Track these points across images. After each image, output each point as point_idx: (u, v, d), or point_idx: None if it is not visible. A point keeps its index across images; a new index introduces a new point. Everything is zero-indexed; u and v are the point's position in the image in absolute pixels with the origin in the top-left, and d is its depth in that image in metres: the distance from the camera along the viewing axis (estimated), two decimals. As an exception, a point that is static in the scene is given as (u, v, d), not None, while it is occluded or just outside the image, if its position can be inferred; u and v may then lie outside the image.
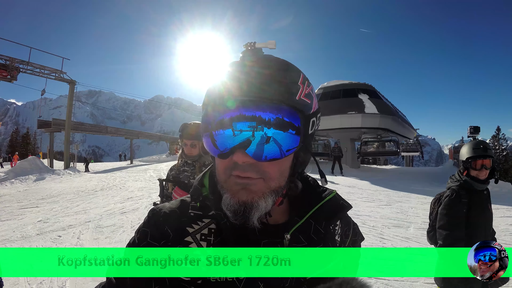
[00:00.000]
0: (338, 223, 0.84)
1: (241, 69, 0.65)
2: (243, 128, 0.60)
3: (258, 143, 0.61)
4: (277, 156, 0.62)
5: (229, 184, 0.65)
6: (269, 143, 0.61)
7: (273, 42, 0.70)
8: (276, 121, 0.60)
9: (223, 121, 0.62)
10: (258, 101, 0.61)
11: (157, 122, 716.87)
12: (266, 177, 0.64)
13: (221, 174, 0.67)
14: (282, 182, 0.67)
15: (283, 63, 0.67)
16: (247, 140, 0.61)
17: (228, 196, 0.65)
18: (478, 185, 2.34)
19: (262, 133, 0.60)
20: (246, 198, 0.63)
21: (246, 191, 0.63)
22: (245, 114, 0.60)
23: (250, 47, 0.68)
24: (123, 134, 38.35)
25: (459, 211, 2.32)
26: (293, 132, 0.62)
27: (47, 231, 6.40)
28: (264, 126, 0.60)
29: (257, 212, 0.64)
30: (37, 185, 14.49)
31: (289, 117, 0.62)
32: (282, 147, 0.62)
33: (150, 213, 0.76)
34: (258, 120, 0.60)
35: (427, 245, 5.29)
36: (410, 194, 11.01)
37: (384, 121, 20.47)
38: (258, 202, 0.64)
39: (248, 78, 0.63)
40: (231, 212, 0.64)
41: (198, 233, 0.71)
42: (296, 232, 0.72)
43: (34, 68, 23.34)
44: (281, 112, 0.61)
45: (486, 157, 2.33)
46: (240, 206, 0.63)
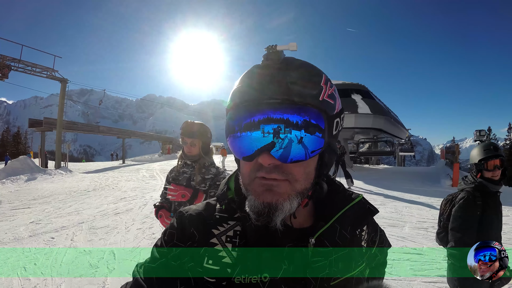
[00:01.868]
0: (364, 228, 0.85)
1: (264, 71, 0.65)
2: (270, 130, 0.61)
3: (283, 145, 0.61)
4: (302, 158, 0.63)
5: (253, 186, 0.66)
6: (295, 145, 0.61)
7: (294, 44, 0.70)
8: (303, 123, 0.61)
9: (251, 123, 0.62)
10: (285, 104, 0.61)
11: (149, 121, 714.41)
12: (292, 179, 0.64)
13: (246, 177, 0.68)
14: (307, 184, 0.68)
15: (305, 64, 0.68)
16: (271, 142, 0.61)
17: (253, 197, 0.66)
18: (493, 186, 2.33)
19: (288, 135, 0.60)
20: (270, 199, 0.63)
21: (271, 192, 0.64)
22: (272, 116, 0.60)
23: (272, 49, 0.68)
24: (115, 134, 38.20)
25: (473, 214, 2.31)
26: (319, 134, 0.63)
27: (40, 232, 6.32)
28: (292, 128, 0.60)
29: (281, 214, 0.64)
30: (28, 185, 14.31)
31: (314, 119, 0.62)
32: (308, 149, 0.62)
33: (177, 215, 0.78)
34: (286, 123, 0.60)
35: (422, 244, 5.37)
36: (403, 194, 11.08)
37: (377, 121, 20.62)
38: (283, 203, 0.64)
39: (273, 81, 0.63)
40: (255, 213, 0.65)
41: (224, 235, 0.72)
42: (321, 236, 0.72)
43: (26, 66, 23.08)
44: (307, 114, 0.61)
45: (498, 156, 2.34)
46: (265, 207, 0.63)
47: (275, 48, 0.68)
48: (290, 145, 0.61)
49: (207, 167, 2.78)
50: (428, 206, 8.77)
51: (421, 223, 6.86)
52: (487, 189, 2.35)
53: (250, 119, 0.62)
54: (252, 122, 0.62)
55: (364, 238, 0.84)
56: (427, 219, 7.21)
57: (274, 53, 0.67)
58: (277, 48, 0.68)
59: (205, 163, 2.78)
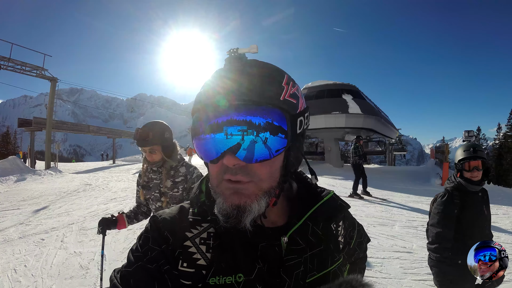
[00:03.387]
0: (340, 224, 0.87)
1: (227, 74, 0.67)
2: (233, 132, 0.62)
3: (247, 146, 0.62)
4: (266, 157, 0.64)
5: (221, 189, 0.67)
6: (259, 146, 0.63)
7: (255, 47, 0.73)
8: (265, 124, 0.62)
9: (215, 125, 0.63)
10: (247, 105, 0.63)
11: (139, 120, 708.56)
12: (257, 179, 0.66)
13: (214, 179, 0.70)
14: (273, 182, 0.69)
15: (266, 66, 0.71)
16: (237, 144, 0.62)
17: (221, 200, 0.67)
18: (471, 186, 2.39)
19: (252, 137, 0.62)
20: (238, 201, 0.65)
21: (238, 195, 0.65)
22: (236, 118, 0.62)
23: (234, 53, 0.71)
24: (106, 133, 37.77)
25: (450, 212, 2.39)
26: (282, 135, 0.64)
27: (30, 234, 6.26)
28: (254, 130, 0.62)
29: (250, 215, 0.65)
30: (18, 186, 14.13)
31: (277, 120, 0.64)
32: (271, 148, 0.64)
33: (151, 219, 0.78)
34: (248, 124, 0.61)
35: (412, 243, 5.42)
36: (393, 193, 11.16)
37: (367, 121, 20.73)
38: (251, 205, 0.65)
39: (235, 83, 0.65)
40: (223, 216, 0.66)
41: (197, 237, 0.73)
42: (294, 234, 0.73)
43: (15, 64, 22.69)
44: (269, 115, 0.63)
45: (477, 158, 2.38)
46: (233, 210, 0.65)
47: (237, 52, 0.71)
48: (253, 146, 0.62)
49: (175, 168, 2.67)
50: (418, 205, 8.85)
51: (410, 222, 6.93)
52: (466, 189, 2.42)
53: (214, 121, 0.63)
54: (216, 123, 0.63)
55: (340, 233, 0.86)
56: (417, 218, 7.28)
57: (236, 56, 0.70)
58: (238, 51, 0.71)
59: (172, 165, 2.65)
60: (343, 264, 0.84)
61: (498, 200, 9.26)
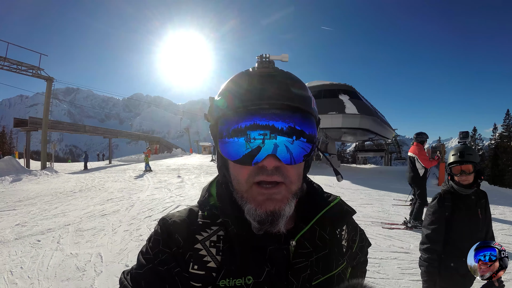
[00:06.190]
0: (344, 228, 0.88)
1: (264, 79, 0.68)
2: (277, 136, 0.65)
3: (287, 149, 0.65)
4: (300, 160, 0.68)
5: (252, 194, 0.68)
6: (297, 149, 0.66)
7: (286, 56, 0.73)
8: (304, 130, 0.67)
9: (255, 126, 0.65)
10: (293, 112, 0.66)
11: (136, 120, 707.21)
12: (288, 181, 0.68)
13: (243, 183, 0.69)
14: (300, 185, 0.73)
15: (294, 75, 0.73)
16: (275, 145, 0.64)
17: (253, 206, 0.68)
18: (462, 189, 2.40)
19: (289, 139, 0.65)
20: (273, 207, 0.67)
21: (272, 201, 0.67)
22: (280, 124, 0.64)
23: (265, 58, 0.71)
24: (102, 133, 37.63)
25: (441, 214, 2.42)
26: (313, 140, 0.69)
27: (26, 235, 6.23)
28: (295, 135, 0.66)
29: (284, 219, 0.68)
30: (13, 186, 14.07)
31: (312, 126, 0.69)
32: (304, 152, 0.68)
33: (160, 222, 0.79)
34: (293, 130, 0.65)
35: (409, 243, 5.44)
36: (390, 193, 11.20)
37: (364, 122, 20.79)
38: (284, 209, 0.67)
39: (277, 89, 0.66)
40: (257, 222, 0.67)
41: (207, 240, 0.73)
42: (302, 238, 0.74)
43: (11, 64, 22.61)
44: (308, 121, 0.68)
45: (463, 162, 2.39)
46: (268, 216, 0.67)
47: (268, 58, 0.71)
48: (292, 149, 0.66)
49: None
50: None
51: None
52: (458, 192, 2.44)
53: (254, 121, 0.64)
54: (259, 125, 0.64)
55: (344, 237, 0.87)
56: (414, 218, 7.23)
57: (268, 62, 0.71)
58: (270, 58, 0.71)
59: None
60: (346, 267, 0.85)
61: (494, 200, 9.29)
